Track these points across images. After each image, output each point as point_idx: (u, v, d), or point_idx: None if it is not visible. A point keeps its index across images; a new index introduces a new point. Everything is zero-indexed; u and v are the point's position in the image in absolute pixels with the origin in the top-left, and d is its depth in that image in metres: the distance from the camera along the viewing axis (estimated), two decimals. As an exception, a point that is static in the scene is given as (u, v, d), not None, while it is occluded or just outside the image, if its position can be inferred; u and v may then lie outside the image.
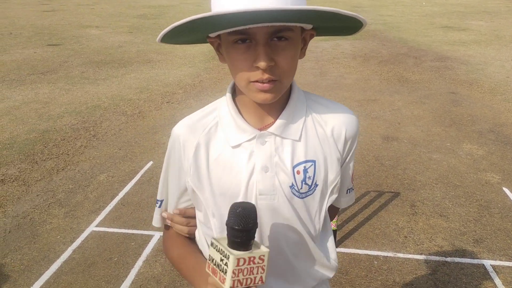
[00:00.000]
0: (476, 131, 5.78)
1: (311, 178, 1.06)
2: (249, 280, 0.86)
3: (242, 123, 1.04)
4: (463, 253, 3.36)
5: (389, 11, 19.74)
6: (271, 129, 1.03)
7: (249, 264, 0.85)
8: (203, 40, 1.04)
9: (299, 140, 1.05)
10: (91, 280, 3.07)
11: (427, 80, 8.34)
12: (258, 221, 0.90)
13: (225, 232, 0.89)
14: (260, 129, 1.04)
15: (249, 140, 1.03)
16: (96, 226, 3.69)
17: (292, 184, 1.04)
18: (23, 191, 4.24)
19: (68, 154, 5.03)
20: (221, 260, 0.86)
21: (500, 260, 3.29)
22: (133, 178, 4.48)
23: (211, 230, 1.10)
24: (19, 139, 5.45)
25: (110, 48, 11.18)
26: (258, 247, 0.89)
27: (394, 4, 22.98)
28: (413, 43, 12.04)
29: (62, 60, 9.77)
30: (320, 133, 1.07)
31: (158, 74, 8.71)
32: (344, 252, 3.37)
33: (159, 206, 1.21)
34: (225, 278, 0.85)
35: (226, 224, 0.87)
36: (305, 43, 1.02)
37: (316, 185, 1.07)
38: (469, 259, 3.29)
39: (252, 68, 0.92)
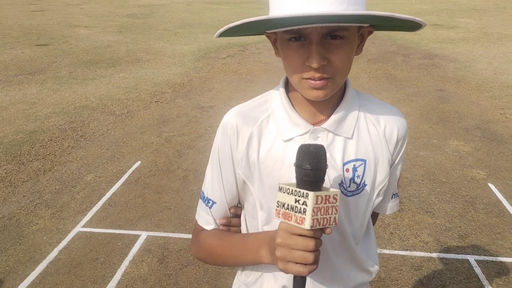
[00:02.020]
0: (462, 127, 5.83)
1: (360, 177, 1.05)
2: (325, 220, 0.84)
3: (296, 117, 1.03)
4: (448, 248, 3.39)
5: (379, 9, 19.75)
6: (325, 125, 1.03)
7: (325, 203, 0.84)
8: (260, 33, 1.04)
9: (351, 138, 1.04)
10: (77, 280, 3.06)
11: (415, 77, 8.39)
12: None
13: (272, 225, 0.86)
14: (313, 125, 1.04)
15: (302, 135, 1.03)
16: (83, 226, 3.68)
17: (341, 182, 1.04)
18: (9, 192, 4.21)
19: (55, 155, 5.01)
20: (296, 201, 0.83)
21: (484, 255, 3.32)
22: (121, 178, 4.47)
23: (257, 221, 1.09)
24: (6, 140, 5.41)
25: (99, 48, 11.12)
26: (327, 189, 0.88)
27: (384, 2, 23.08)
28: (402, 41, 12.11)
29: (50, 60, 9.71)
30: (373, 133, 1.07)
31: (147, 74, 8.69)
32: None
33: (211, 207, 1.14)
34: (303, 218, 0.82)
35: (297, 166, 0.84)
36: (362, 39, 1.02)
37: (365, 185, 1.06)
38: (453, 255, 3.33)
39: (304, 66, 0.92)
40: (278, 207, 0.87)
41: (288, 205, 0.85)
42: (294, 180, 0.93)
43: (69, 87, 7.74)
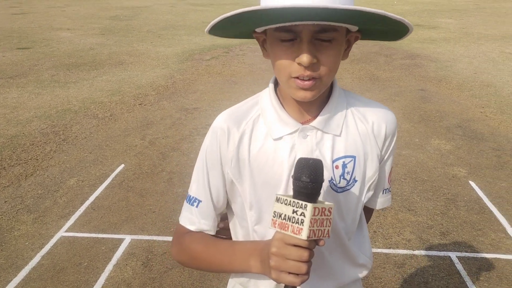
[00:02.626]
0: (444, 126, 5.91)
1: (350, 173, 1.07)
2: (319, 232, 0.87)
3: (285, 116, 1.05)
4: (430, 246, 3.44)
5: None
6: (314, 123, 1.05)
7: (321, 215, 0.86)
8: (249, 35, 1.05)
9: (340, 135, 1.07)
10: (60, 286, 3.03)
11: (397, 77, 8.49)
12: None
13: (263, 224, 0.89)
14: (302, 123, 1.05)
15: (291, 133, 1.05)
16: (66, 231, 3.64)
17: (331, 178, 1.06)
18: (-10, 198, 4.15)
19: (37, 159, 4.95)
20: (294, 212, 0.85)
21: (466, 251, 3.38)
22: (104, 181, 4.43)
23: (247, 222, 1.10)
24: (-14, 145, 5.33)
25: (81, 51, 11.02)
26: (322, 202, 0.90)
27: (367, 3, 23.28)
28: (384, 42, 12.20)
29: (31, 64, 9.59)
30: (361, 129, 1.09)
31: (131, 76, 8.63)
32: (314, 249, 3.40)
33: (197, 206, 1.13)
34: (301, 229, 0.84)
35: (295, 178, 0.86)
36: (349, 45, 1.04)
37: (355, 181, 1.08)
38: (435, 252, 3.38)
39: (294, 64, 0.93)
40: (274, 217, 0.89)
41: (285, 215, 0.87)
42: (285, 179, 1.00)
43: (51, 90, 7.65)
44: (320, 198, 0.91)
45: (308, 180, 0.85)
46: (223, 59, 10.17)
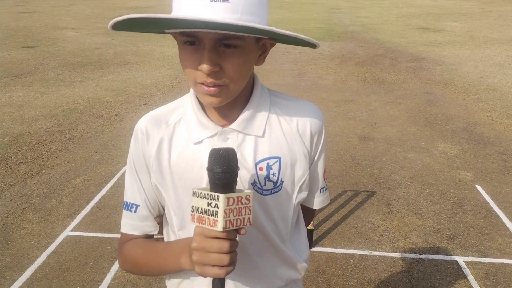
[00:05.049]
0: (450, 130, 5.89)
1: (276, 174, 1.05)
2: (238, 221, 0.87)
3: (204, 120, 1.04)
4: (436, 250, 3.43)
5: (366, 13, 19.97)
6: (233, 125, 1.03)
7: (237, 204, 0.86)
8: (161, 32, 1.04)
9: (263, 136, 1.05)
10: (66, 285, 3.03)
11: (402, 80, 8.47)
12: None
13: (186, 230, 0.87)
14: (223, 126, 1.04)
15: (211, 137, 1.04)
16: (71, 230, 3.64)
17: (254, 181, 1.04)
18: (-4, 196, 4.15)
19: (43, 158, 4.95)
20: (209, 204, 0.85)
21: (473, 256, 3.36)
22: (110, 181, 4.43)
23: (173, 226, 1.09)
24: (-8, 143, 5.34)
25: (87, 50, 11.04)
26: (241, 190, 0.90)
27: (372, 6, 23.27)
28: (390, 44, 12.21)
29: (37, 63, 9.61)
30: (286, 129, 1.07)
31: (136, 76, 8.64)
32: (320, 251, 3.40)
33: (135, 211, 1.11)
34: (216, 221, 0.84)
35: (209, 169, 0.86)
36: (265, 50, 1.02)
37: (282, 182, 1.06)
38: (442, 256, 3.36)
39: (198, 70, 0.92)
40: (192, 211, 0.89)
41: (201, 209, 0.87)
42: (205, 183, 0.98)
43: (57, 89, 7.66)
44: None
45: (220, 170, 0.85)
46: (228, 60, 10.15)
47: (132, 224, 1.13)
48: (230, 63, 0.92)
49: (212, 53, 0.90)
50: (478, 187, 4.38)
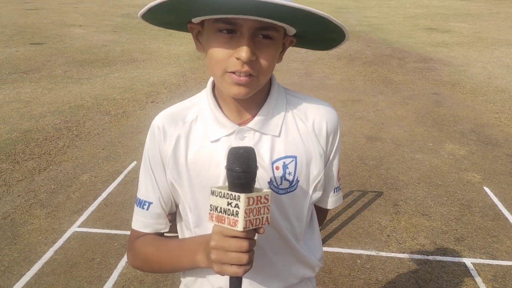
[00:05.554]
0: (458, 131, 5.86)
1: (292, 174, 1.05)
2: (257, 221, 0.87)
3: (221, 118, 1.03)
4: (444, 251, 3.41)
5: (374, 13, 19.90)
6: (250, 124, 1.03)
7: (257, 204, 0.86)
8: (182, 27, 1.03)
9: (279, 135, 1.04)
10: (73, 281, 3.04)
11: (410, 81, 8.43)
12: None
13: (203, 227, 0.86)
14: (240, 124, 1.04)
15: (228, 135, 1.03)
16: (79, 226, 3.65)
17: (271, 180, 1.03)
18: (4, 191, 4.17)
19: (50, 154, 4.97)
20: (229, 204, 0.85)
21: (481, 258, 3.34)
22: (117, 178, 4.44)
23: (188, 223, 1.09)
24: (0, 138, 5.36)
25: (94, 47, 11.07)
26: (259, 189, 0.89)
27: (379, 6, 23.18)
28: (397, 44, 12.16)
29: (45, 59, 9.64)
30: (302, 128, 1.07)
31: (143, 74, 8.65)
32: (327, 251, 3.38)
33: (147, 208, 1.11)
34: (236, 221, 0.84)
35: (228, 169, 0.85)
36: (284, 48, 1.03)
37: (298, 181, 1.06)
38: (450, 258, 3.34)
39: (231, 59, 0.91)
40: (211, 210, 0.89)
41: (221, 208, 0.86)
42: (222, 181, 0.99)
43: (64, 86, 7.69)
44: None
45: (240, 170, 0.84)
46: (235, 58, 10.14)
47: (143, 221, 1.13)
48: (265, 54, 0.92)
49: (251, 42, 0.89)
50: (486, 188, 4.35)
